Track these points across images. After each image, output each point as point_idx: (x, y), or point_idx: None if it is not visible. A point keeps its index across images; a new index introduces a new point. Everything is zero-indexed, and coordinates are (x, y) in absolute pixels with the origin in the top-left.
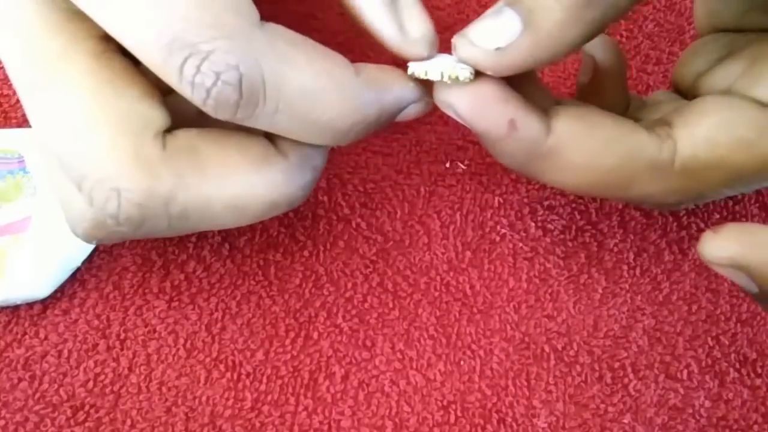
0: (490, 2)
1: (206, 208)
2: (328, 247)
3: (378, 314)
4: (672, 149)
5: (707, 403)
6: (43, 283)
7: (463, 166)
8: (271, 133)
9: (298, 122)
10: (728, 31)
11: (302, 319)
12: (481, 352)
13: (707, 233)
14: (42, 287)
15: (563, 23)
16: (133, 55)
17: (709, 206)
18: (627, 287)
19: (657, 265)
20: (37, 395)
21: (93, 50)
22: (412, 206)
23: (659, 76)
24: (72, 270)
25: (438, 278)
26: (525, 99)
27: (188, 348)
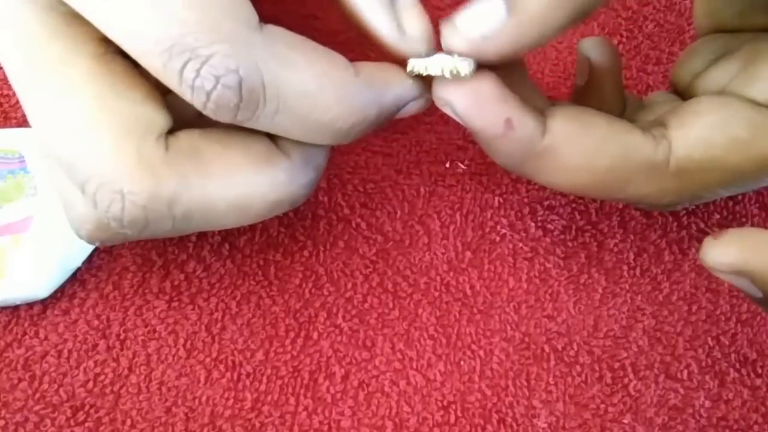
0: None
1: (210, 209)
2: (328, 247)
3: (378, 314)
4: (667, 150)
5: (707, 404)
6: (43, 283)
7: (463, 166)
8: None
9: (299, 123)
10: (727, 31)
11: (302, 319)
12: (481, 353)
13: (708, 239)
14: (42, 287)
15: (548, 6)
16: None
17: (709, 206)
18: (627, 287)
19: (657, 265)
20: (37, 395)
21: (94, 53)
22: (412, 206)
23: (659, 76)
24: (72, 270)
25: (438, 278)
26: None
27: (188, 348)
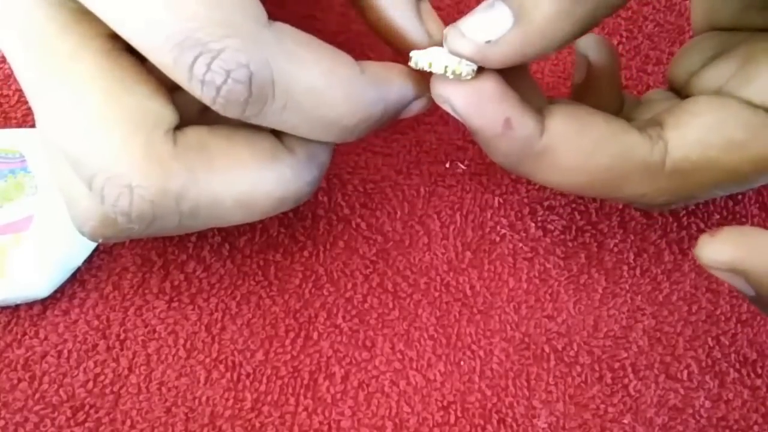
0: None
1: (217, 205)
2: (328, 247)
3: (378, 314)
4: (663, 150)
5: (707, 404)
6: (43, 283)
7: (463, 167)
8: (278, 130)
9: (306, 119)
10: (724, 29)
11: (302, 319)
12: (481, 353)
13: (704, 237)
14: (42, 287)
15: (554, 18)
16: (138, 52)
17: (709, 206)
18: (627, 287)
19: (657, 266)
20: (37, 395)
21: (102, 49)
22: (412, 206)
23: (659, 77)
24: (72, 270)
25: (438, 278)
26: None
27: (188, 348)
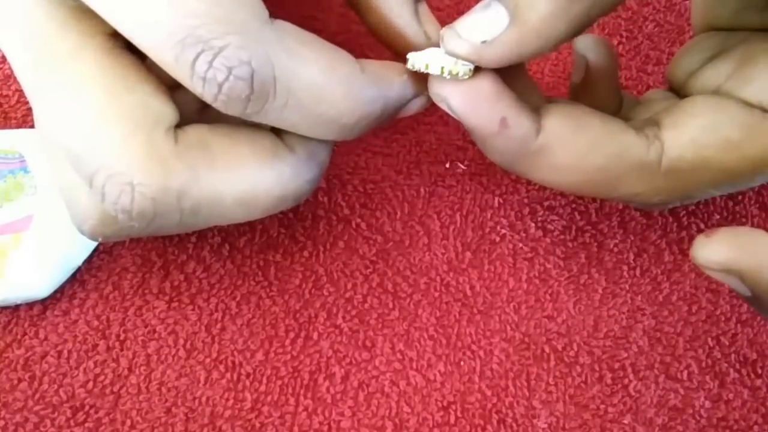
0: None
1: (218, 203)
2: (328, 247)
3: (378, 315)
4: (659, 150)
5: (707, 404)
6: (43, 283)
7: (463, 167)
8: (278, 129)
9: (306, 117)
10: (723, 29)
11: (302, 319)
12: (481, 353)
13: (699, 237)
14: (42, 287)
15: (549, 17)
16: (139, 51)
17: (709, 207)
18: (627, 288)
19: (657, 266)
20: (37, 396)
21: (103, 47)
22: (412, 207)
23: (659, 77)
24: (72, 270)
25: (438, 279)
26: (517, 97)
27: (188, 348)
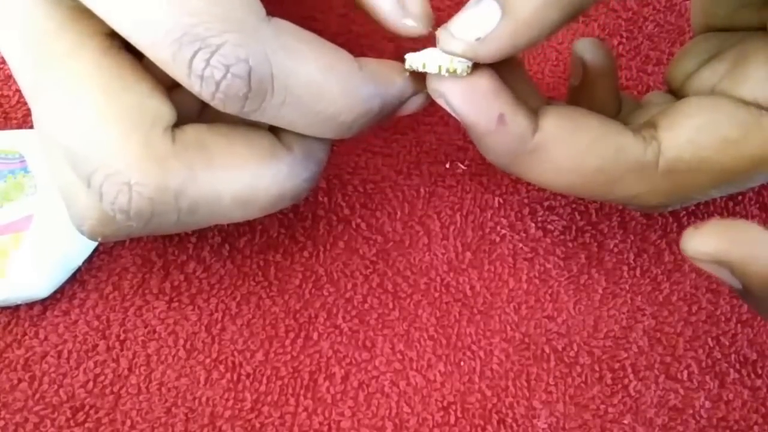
0: None
1: (215, 202)
2: (328, 247)
3: (378, 315)
4: (656, 151)
5: (707, 404)
6: (43, 283)
7: (463, 167)
8: (275, 128)
9: (304, 115)
10: (720, 29)
11: (302, 319)
12: (481, 353)
13: (689, 230)
14: (42, 287)
15: (541, 7)
16: (137, 51)
17: (709, 206)
18: (627, 288)
19: (657, 266)
20: (37, 396)
21: (100, 47)
22: (412, 207)
23: (659, 77)
24: (72, 270)
25: (438, 279)
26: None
27: (188, 349)
